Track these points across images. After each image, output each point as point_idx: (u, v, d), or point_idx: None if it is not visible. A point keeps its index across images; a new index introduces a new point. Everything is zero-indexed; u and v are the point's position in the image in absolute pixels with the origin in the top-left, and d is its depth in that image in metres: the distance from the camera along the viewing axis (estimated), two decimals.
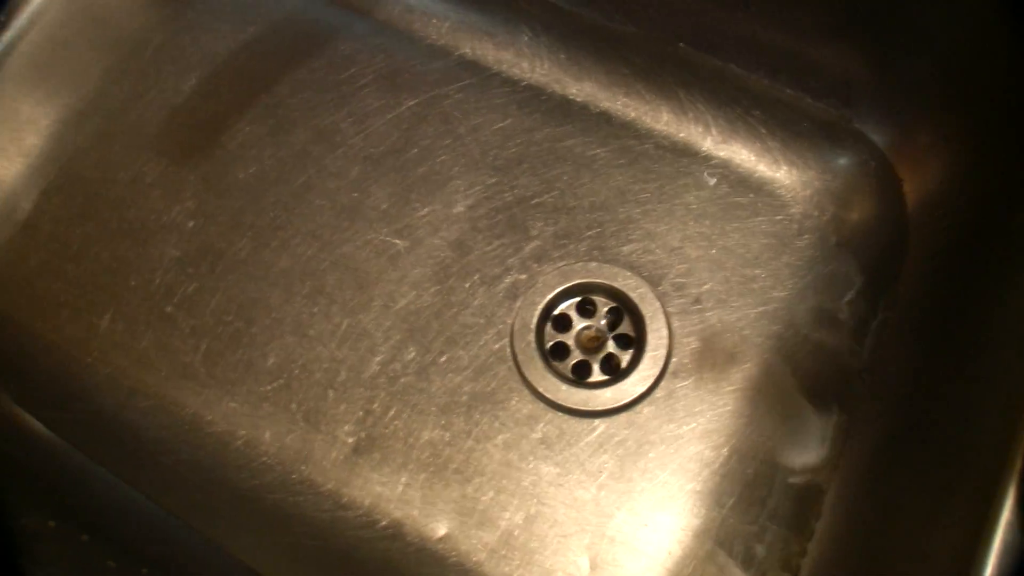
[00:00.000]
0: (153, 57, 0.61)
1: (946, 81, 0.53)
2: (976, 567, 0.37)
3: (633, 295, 0.54)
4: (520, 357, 0.53)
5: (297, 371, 0.54)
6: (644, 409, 0.53)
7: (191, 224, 0.57)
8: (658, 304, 0.54)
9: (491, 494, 0.52)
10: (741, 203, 0.56)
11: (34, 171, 0.59)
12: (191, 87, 0.60)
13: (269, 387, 0.54)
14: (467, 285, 0.55)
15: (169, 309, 0.56)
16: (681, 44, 0.57)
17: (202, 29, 0.62)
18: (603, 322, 0.55)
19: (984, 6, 0.49)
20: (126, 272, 0.57)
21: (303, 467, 0.53)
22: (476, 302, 0.55)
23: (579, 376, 0.54)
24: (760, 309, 0.54)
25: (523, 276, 0.55)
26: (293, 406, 0.54)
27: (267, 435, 0.54)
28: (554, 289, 0.54)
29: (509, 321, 0.54)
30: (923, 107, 0.54)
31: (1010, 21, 0.49)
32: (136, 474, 0.53)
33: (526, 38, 0.59)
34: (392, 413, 0.53)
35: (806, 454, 0.52)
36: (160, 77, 0.60)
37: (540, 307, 0.54)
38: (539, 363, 0.53)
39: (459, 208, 0.56)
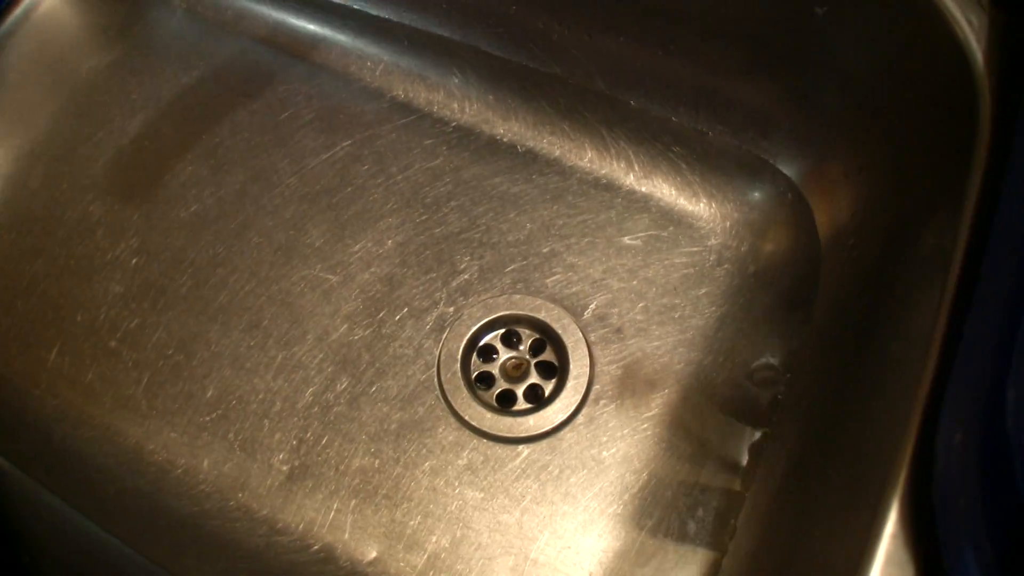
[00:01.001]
0: (101, 99, 0.63)
1: (859, 113, 0.55)
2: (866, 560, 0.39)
3: (556, 326, 0.56)
4: (447, 387, 0.55)
5: (234, 402, 0.56)
6: (567, 435, 0.55)
7: (134, 261, 0.59)
8: (580, 334, 0.56)
9: (419, 518, 0.54)
10: (662, 236, 0.58)
11: None
12: (136, 128, 0.62)
13: (207, 418, 0.56)
14: (397, 318, 0.57)
15: (113, 343, 0.58)
16: (601, 84, 0.59)
17: (148, 72, 0.64)
18: (527, 352, 0.57)
19: (893, 39, 0.51)
20: (73, 308, 0.59)
21: (240, 494, 0.55)
22: (405, 334, 0.57)
23: (504, 404, 0.57)
24: (679, 337, 0.56)
25: (450, 309, 0.57)
26: (230, 436, 0.56)
27: (205, 463, 0.56)
28: (479, 321, 0.57)
29: (436, 352, 0.56)
30: (837, 138, 0.56)
31: (920, 54, 0.51)
32: (82, 500, 0.55)
33: (456, 80, 0.62)
34: (324, 441, 0.55)
35: (721, 475, 0.54)
36: (107, 118, 0.62)
37: (466, 338, 0.56)
38: (465, 392, 0.55)
39: (390, 244, 0.59)
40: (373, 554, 0.53)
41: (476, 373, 0.57)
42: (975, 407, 0.38)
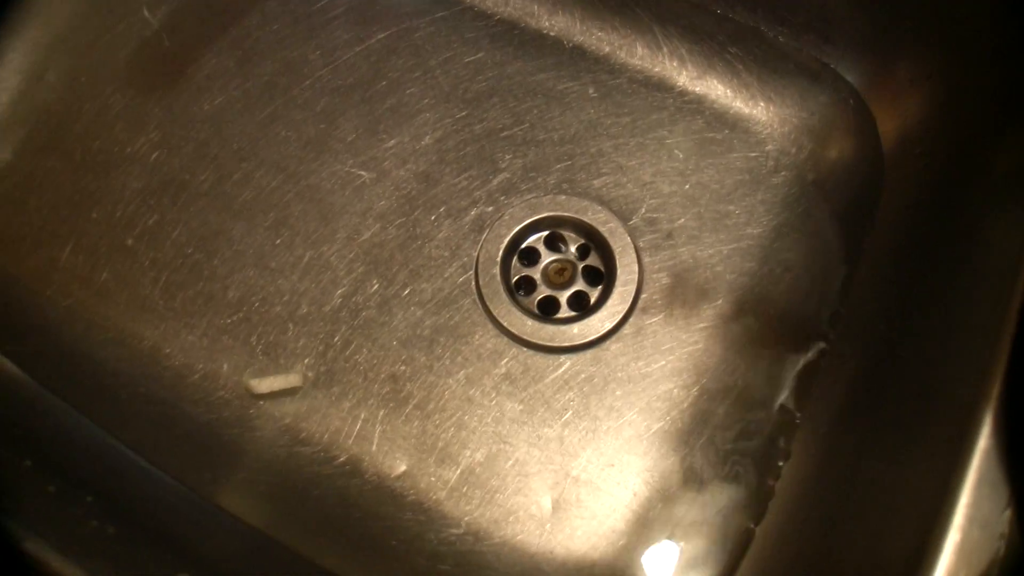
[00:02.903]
0: None
1: (927, 16, 0.52)
2: (952, 495, 0.36)
3: (603, 229, 0.53)
4: (485, 291, 0.52)
5: (257, 304, 0.53)
6: (612, 346, 0.52)
7: (154, 156, 0.56)
8: (628, 239, 0.52)
9: (452, 430, 0.51)
10: (716, 139, 0.55)
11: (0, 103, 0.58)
12: (160, 19, 0.59)
13: (228, 320, 0.53)
14: (432, 217, 0.54)
15: (130, 242, 0.55)
16: None
17: None
18: (571, 256, 0.54)
19: None
20: (88, 204, 0.56)
21: (260, 402, 0.51)
22: (441, 235, 0.54)
23: (545, 311, 0.53)
24: (733, 246, 0.53)
25: (490, 208, 0.54)
26: (252, 339, 0.53)
27: (225, 368, 0.52)
28: (521, 222, 0.53)
29: (474, 254, 0.53)
30: (903, 43, 0.53)
31: None
32: (93, 406, 0.52)
33: None
34: (353, 347, 0.52)
35: (777, 393, 0.50)
36: (130, 9, 0.59)
37: (507, 240, 0.53)
38: (504, 297, 0.52)
39: (427, 140, 0.55)
40: (402, 467, 0.50)
41: (516, 277, 0.53)
42: None
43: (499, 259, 0.52)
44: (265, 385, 0.51)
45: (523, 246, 0.54)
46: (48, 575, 0.38)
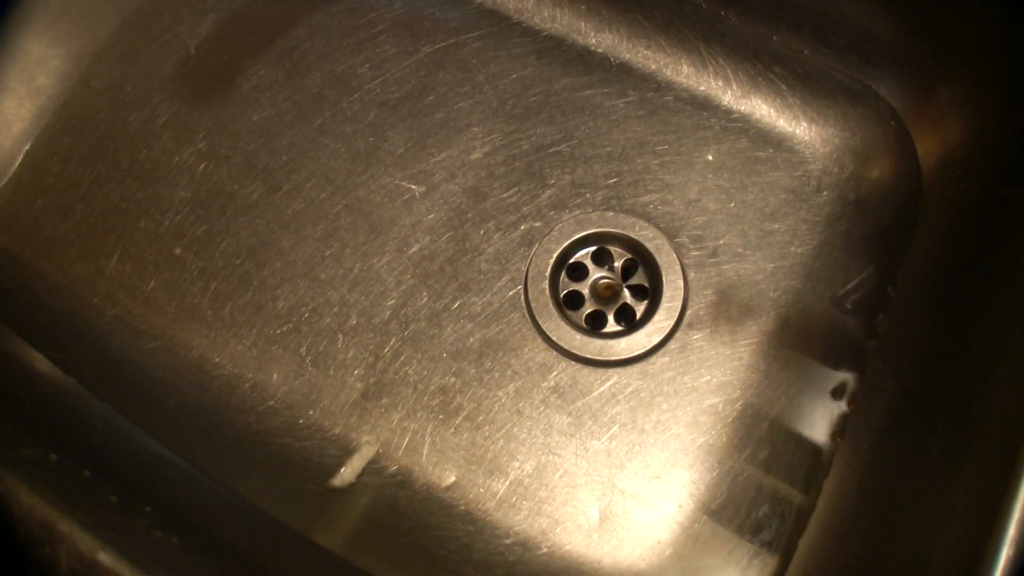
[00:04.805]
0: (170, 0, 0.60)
1: (969, 41, 0.52)
2: (1005, 509, 0.36)
3: (649, 246, 0.53)
4: (534, 305, 0.53)
5: (307, 315, 0.54)
6: (658, 360, 0.52)
7: (203, 166, 0.56)
8: (674, 255, 0.53)
9: (501, 442, 0.51)
10: (760, 158, 0.55)
11: (44, 111, 0.58)
12: (207, 29, 0.59)
13: (278, 330, 0.53)
14: (482, 232, 0.54)
15: (178, 251, 0.55)
16: None
17: None
18: (618, 272, 0.54)
19: None
20: (135, 213, 0.56)
21: (310, 411, 0.52)
22: (491, 249, 0.54)
23: (593, 326, 0.54)
24: (777, 263, 0.54)
25: (538, 224, 0.54)
26: (302, 350, 0.53)
27: (275, 378, 0.53)
28: (570, 237, 0.54)
29: (523, 268, 0.54)
30: (945, 66, 0.54)
31: None
32: (141, 414, 0.52)
33: None
34: (403, 359, 0.53)
35: (819, 409, 0.51)
36: (177, 19, 0.59)
37: (555, 255, 0.53)
38: (553, 311, 0.52)
39: (476, 155, 0.56)
40: (452, 478, 0.50)
41: (565, 292, 0.54)
42: None
43: (548, 273, 0.53)
44: (349, 473, 0.51)
45: (571, 261, 0.54)
46: None
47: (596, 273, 0.54)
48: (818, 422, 0.51)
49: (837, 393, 0.51)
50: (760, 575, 0.49)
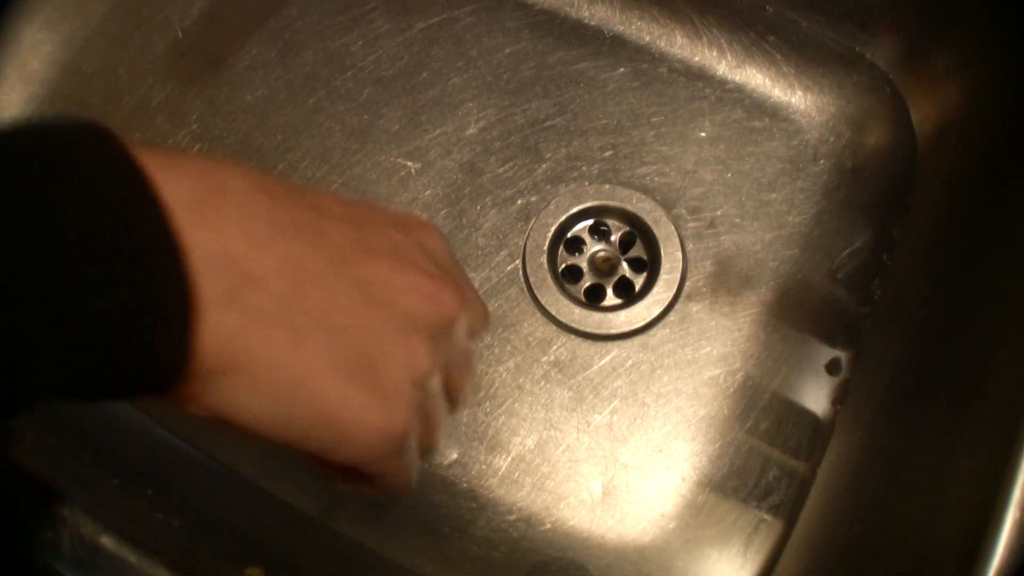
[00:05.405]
0: None
1: (964, 5, 0.52)
2: (1010, 473, 0.36)
3: (647, 218, 0.53)
4: (532, 279, 0.52)
5: None
6: (658, 333, 0.52)
7: (197, 147, 0.56)
8: (672, 227, 0.53)
9: (502, 418, 0.51)
10: (756, 128, 0.55)
11: (37, 97, 0.58)
12: (197, 11, 0.59)
13: None
14: (478, 207, 0.54)
15: None
16: None
17: None
18: (616, 245, 0.54)
19: None
20: None
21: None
22: (488, 224, 0.54)
23: (592, 299, 0.54)
24: (775, 233, 0.53)
25: (535, 198, 0.54)
26: None
27: None
28: (567, 211, 0.54)
29: (521, 243, 0.53)
30: (940, 32, 0.54)
31: None
32: (152, 405, 0.52)
33: None
34: None
35: (820, 379, 0.51)
36: (166, 1, 0.59)
37: (553, 229, 0.53)
38: (552, 285, 0.52)
39: (471, 130, 0.56)
40: (453, 455, 0.50)
41: (563, 266, 0.54)
42: None
43: (546, 248, 0.53)
44: None
45: (569, 235, 0.54)
46: (126, 570, 0.39)
47: (594, 246, 0.54)
48: (819, 391, 0.51)
49: (837, 362, 0.51)
50: (764, 545, 0.49)
